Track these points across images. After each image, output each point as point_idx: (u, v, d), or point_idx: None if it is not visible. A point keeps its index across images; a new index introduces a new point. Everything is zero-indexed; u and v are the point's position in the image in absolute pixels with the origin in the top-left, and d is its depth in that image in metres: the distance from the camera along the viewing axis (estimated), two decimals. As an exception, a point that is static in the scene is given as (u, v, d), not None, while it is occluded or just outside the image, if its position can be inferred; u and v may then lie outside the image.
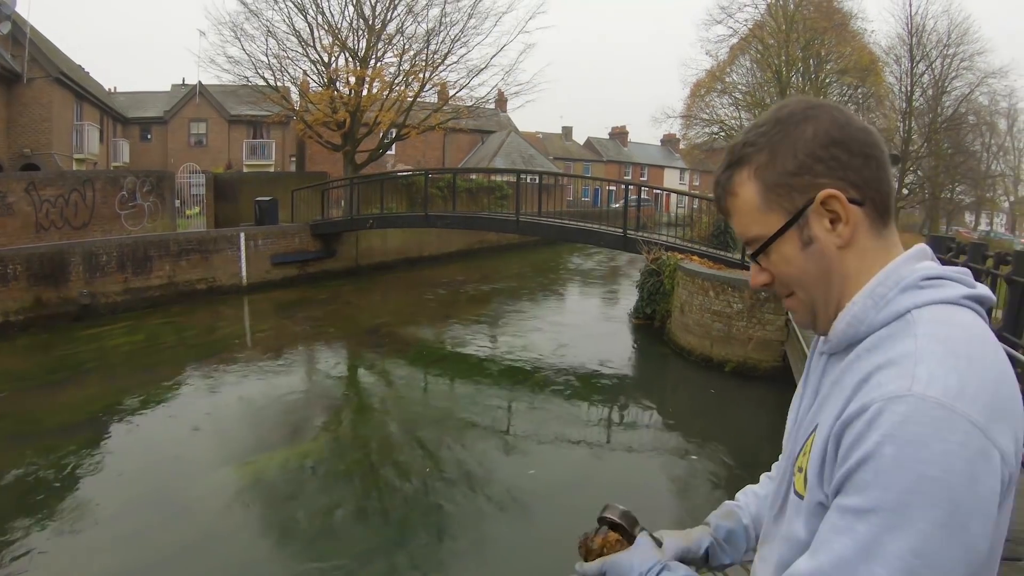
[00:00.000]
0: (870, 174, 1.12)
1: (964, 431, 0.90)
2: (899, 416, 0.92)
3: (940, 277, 1.09)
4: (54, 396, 12.33)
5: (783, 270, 1.18)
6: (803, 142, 1.13)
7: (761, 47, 33.28)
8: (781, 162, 1.14)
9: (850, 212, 1.11)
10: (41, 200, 18.69)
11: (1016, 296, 8.91)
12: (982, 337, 1.02)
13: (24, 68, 26.06)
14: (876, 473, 0.92)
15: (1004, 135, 52.21)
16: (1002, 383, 0.97)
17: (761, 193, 1.16)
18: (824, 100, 1.20)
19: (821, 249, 1.13)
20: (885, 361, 1.01)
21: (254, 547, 7.49)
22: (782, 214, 1.15)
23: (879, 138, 1.16)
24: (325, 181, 29.50)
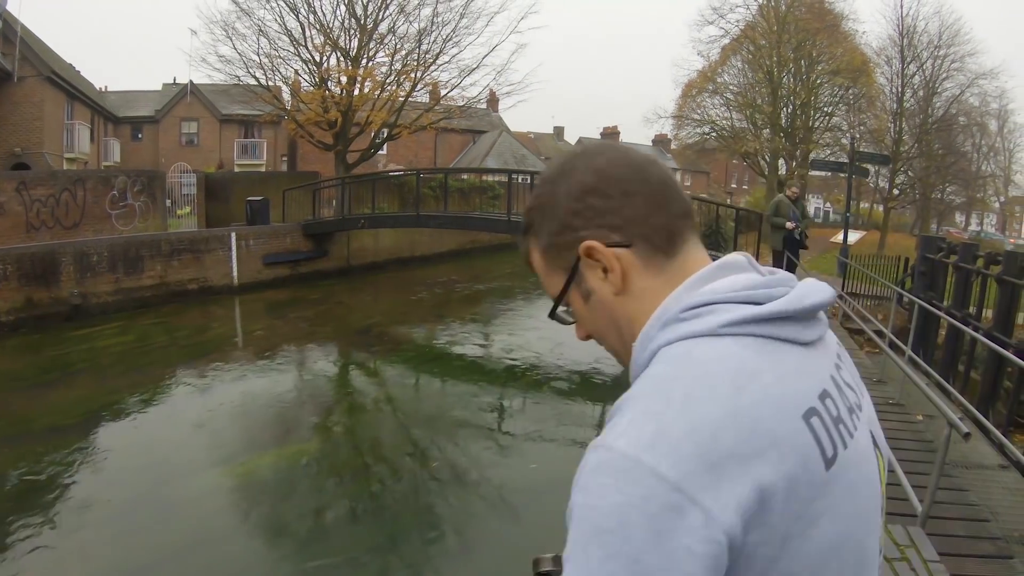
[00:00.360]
0: (633, 212, 1.06)
1: (647, 485, 0.82)
2: (590, 467, 0.88)
3: (707, 303, 0.99)
4: (45, 397, 12.29)
5: (584, 323, 1.17)
6: (560, 199, 1.10)
7: (753, 48, 33.36)
8: (548, 224, 1.12)
9: (615, 257, 1.06)
10: (32, 200, 18.62)
11: (1006, 295, 8.96)
12: (719, 373, 0.91)
13: (15, 67, 25.97)
14: (569, 523, 0.87)
15: (994, 136, 52.40)
16: (725, 429, 0.85)
17: (542, 257, 1.16)
18: (595, 145, 1.16)
19: (600, 300, 1.10)
20: (614, 408, 0.96)
21: (246, 548, 7.47)
22: (561, 273, 1.13)
23: (649, 171, 1.10)
24: (316, 181, 29.43)
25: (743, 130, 34.17)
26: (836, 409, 0.96)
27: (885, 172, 36.30)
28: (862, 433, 1.00)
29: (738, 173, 76.93)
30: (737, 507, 0.82)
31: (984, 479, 6.04)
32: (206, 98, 41.15)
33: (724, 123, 35.32)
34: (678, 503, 0.81)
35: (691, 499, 0.81)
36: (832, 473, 0.90)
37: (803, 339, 0.99)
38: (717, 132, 35.44)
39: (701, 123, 36.32)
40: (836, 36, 33.34)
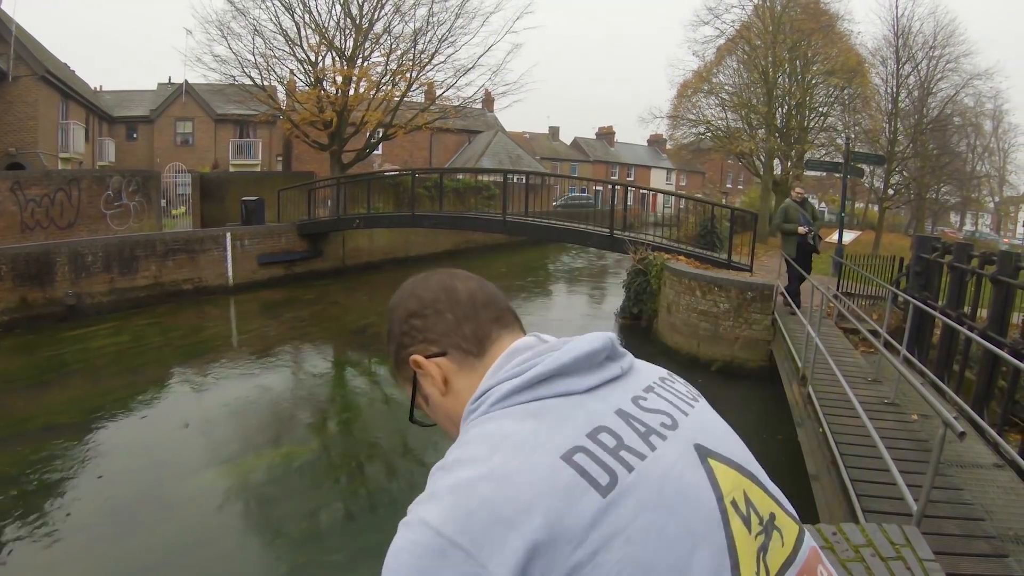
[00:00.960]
0: (446, 325, 1.26)
1: (418, 531, 0.98)
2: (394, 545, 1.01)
3: (484, 392, 1.17)
4: (39, 397, 12.27)
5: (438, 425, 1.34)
6: (395, 326, 1.32)
7: (748, 48, 33.32)
8: (391, 347, 1.33)
9: (434, 366, 1.25)
10: (26, 199, 18.59)
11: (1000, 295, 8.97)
12: (478, 444, 1.06)
13: (9, 66, 25.91)
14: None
15: (989, 136, 52.52)
16: (481, 482, 0.99)
17: (394, 373, 1.37)
18: (420, 277, 1.36)
19: (435, 403, 1.29)
20: None
21: (240, 549, 7.47)
22: (409, 384, 1.31)
23: (456, 290, 1.30)
24: (312, 181, 29.44)
25: (738, 130, 34.12)
26: (616, 439, 1.05)
27: (880, 172, 36.35)
28: (667, 452, 1.07)
29: (733, 173, 77.02)
30: (494, 545, 0.94)
31: (979, 478, 6.04)
32: (201, 98, 41.12)
33: (719, 123, 35.27)
34: (441, 547, 0.95)
35: (451, 541, 0.95)
36: (612, 498, 0.98)
37: (576, 390, 1.13)
38: (712, 132, 35.37)
39: (696, 123, 36.26)
40: (831, 36, 33.32)
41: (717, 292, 14.32)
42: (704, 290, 14.54)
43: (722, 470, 1.10)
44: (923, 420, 7.49)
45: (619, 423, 1.09)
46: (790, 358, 10.78)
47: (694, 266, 16.05)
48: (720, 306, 14.27)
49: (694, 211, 22.53)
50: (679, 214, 23.19)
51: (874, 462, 5.73)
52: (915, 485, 4.92)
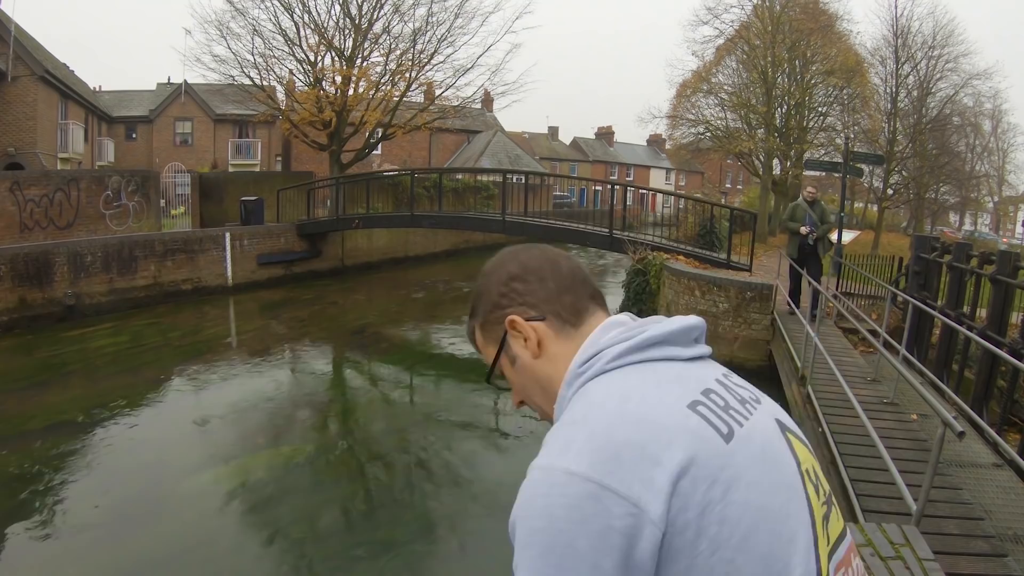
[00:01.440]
0: (547, 292, 1.33)
1: (563, 482, 1.01)
2: (521, 489, 1.06)
3: (594, 355, 1.22)
4: (39, 397, 12.26)
5: (514, 387, 1.40)
6: (492, 287, 1.38)
7: (747, 48, 33.32)
8: (484, 306, 1.39)
9: (531, 329, 1.31)
10: (25, 199, 18.58)
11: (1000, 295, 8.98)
12: (607, 393, 1.14)
13: (8, 66, 25.87)
14: (514, 540, 1.06)
15: (988, 136, 52.59)
16: (615, 426, 1.06)
17: (480, 332, 1.41)
18: (522, 246, 1.45)
19: (523, 364, 1.34)
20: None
21: (240, 549, 7.46)
22: (494, 344, 1.37)
23: (558, 262, 1.38)
24: (311, 181, 29.44)
25: (737, 130, 34.13)
26: (723, 400, 1.15)
27: (879, 172, 36.39)
28: (761, 418, 1.18)
29: (732, 173, 77.01)
30: (643, 483, 0.99)
31: (978, 478, 6.05)
32: (200, 98, 41.11)
33: (718, 123, 35.29)
34: (591, 491, 0.99)
35: (601, 485, 0.99)
36: (732, 446, 1.07)
37: (681, 356, 1.22)
38: (711, 132, 35.39)
39: (695, 123, 36.28)
40: (830, 36, 33.34)
41: (716, 292, 14.33)
42: (703, 290, 14.55)
43: (797, 444, 1.21)
44: (922, 420, 7.49)
45: (721, 389, 1.18)
46: (789, 358, 10.79)
47: (693, 266, 16.05)
48: (719, 306, 14.27)
49: (693, 211, 22.49)
50: (678, 214, 23.20)
51: (873, 462, 5.73)
52: (914, 485, 4.92)
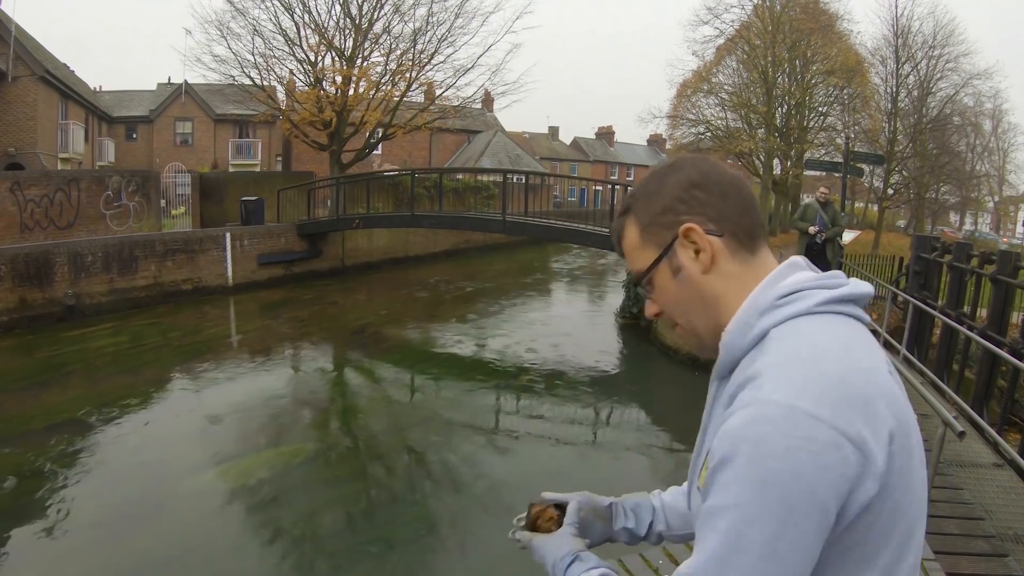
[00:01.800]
0: (728, 209, 1.26)
1: (807, 426, 0.98)
2: (748, 419, 1.02)
3: (795, 291, 1.18)
4: (39, 398, 12.26)
5: (664, 298, 1.33)
6: (669, 187, 1.30)
7: (748, 48, 33.34)
8: (653, 206, 1.30)
9: (708, 242, 1.25)
10: (26, 200, 18.58)
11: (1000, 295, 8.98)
12: (832, 339, 1.11)
13: (9, 66, 25.89)
14: (734, 471, 1.01)
15: (989, 136, 52.55)
16: (848, 375, 1.05)
17: (639, 233, 1.33)
18: (699, 156, 1.38)
19: (689, 275, 1.27)
20: (745, 379, 1.11)
21: (240, 549, 7.46)
22: (655, 248, 1.30)
23: (739, 181, 1.31)
24: (311, 181, 29.45)
25: (738, 130, 34.15)
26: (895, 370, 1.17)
27: (880, 172, 36.41)
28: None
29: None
30: (875, 438, 1.01)
31: (978, 477, 6.04)
32: (200, 98, 41.12)
33: (719, 123, 35.32)
34: (834, 439, 0.98)
35: (843, 433, 0.99)
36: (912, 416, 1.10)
37: (864, 319, 1.21)
38: (712, 132, 35.41)
39: (696, 123, 36.31)
40: (830, 36, 33.36)
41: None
42: (704, 290, 14.54)
43: None
44: (923, 419, 7.49)
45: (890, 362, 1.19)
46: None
47: (694, 266, 16.03)
48: (720, 306, 14.27)
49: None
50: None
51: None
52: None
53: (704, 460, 1.21)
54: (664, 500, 1.70)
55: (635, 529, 1.67)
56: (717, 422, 1.16)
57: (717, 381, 1.31)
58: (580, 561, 1.44)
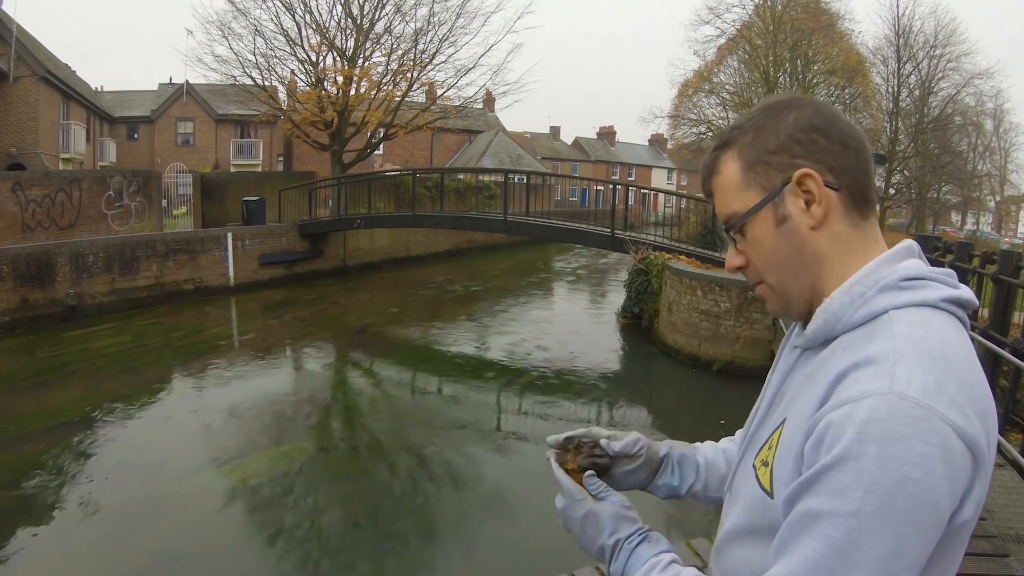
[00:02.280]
0: (848, 163, 1.13)
1: (944, 434, 0.91)
2: (882, 415, 0.92)
3: (921, 278, 1.08)
4: (40, 398, 12.26)
5: (756, 250, 1.19)
6: (785, 125, 1.15)
7: (749, 48, 33.37)
8: (763, 142, 1.16)
9: (824, 194, 1.12)
10: (27, 200, 18.58)
11: (1002, 295, 8.96)
12: (958, 342, 1.02)
13: (10, 67, 25.90)
14: (857, 473, 0.91)
15: (990, 135, 52.48)
16: (976, 387, 0.98)
17: (742, 170, 1.18)
18: (820, 100, 1.23)
19: (794, 228, 1.14)
20: (863, 359, 1.00)
21: (241, 549, 7.46)
22: (759, 191, 1.17)
23: (862, 135, 1.17)
24: (312, 181, 29.47)
25: (739, 130, 34.17)
26: None
27: (881, 172, 36.35)
28: None
29: (734, 173, 76.90)
30: (991, 452, 0.97)
31: (980, 478, 6.03)
32: (202, 98, 41.12)
33: (720, 123, 35.26)
34: (964, 451, 0.92)
35: (972, 446, 0.93)
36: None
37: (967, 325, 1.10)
38: (713, 132, 35.32)
39: (697, 123, 36.34)
40: (832, 36, 33.38)
41: (718, 292, 14.32)
42: (705, 290, 14.54)
43: None
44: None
45: None
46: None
47: (695, 266, 16.03)
48: (721, 306, 14.26)
49: (695, 211, 22.48)
50: (680, 214, 23.18)
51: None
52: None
53: (775, 434, 1.15)
54: (707, 457, 1.57)
55: (678, 486, 1.54)
56: (808, 398, 1.08)
57: (800, 350, 1.20)
58: (649, 542, 1.27)
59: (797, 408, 1.11)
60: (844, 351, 1.06)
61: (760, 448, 1.20)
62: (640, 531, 1.28)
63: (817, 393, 1.05)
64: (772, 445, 1.14)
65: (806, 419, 1.05)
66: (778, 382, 1.24)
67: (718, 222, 20.82)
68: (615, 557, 1.27)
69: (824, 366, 1.08)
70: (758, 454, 1.20)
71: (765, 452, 1.17)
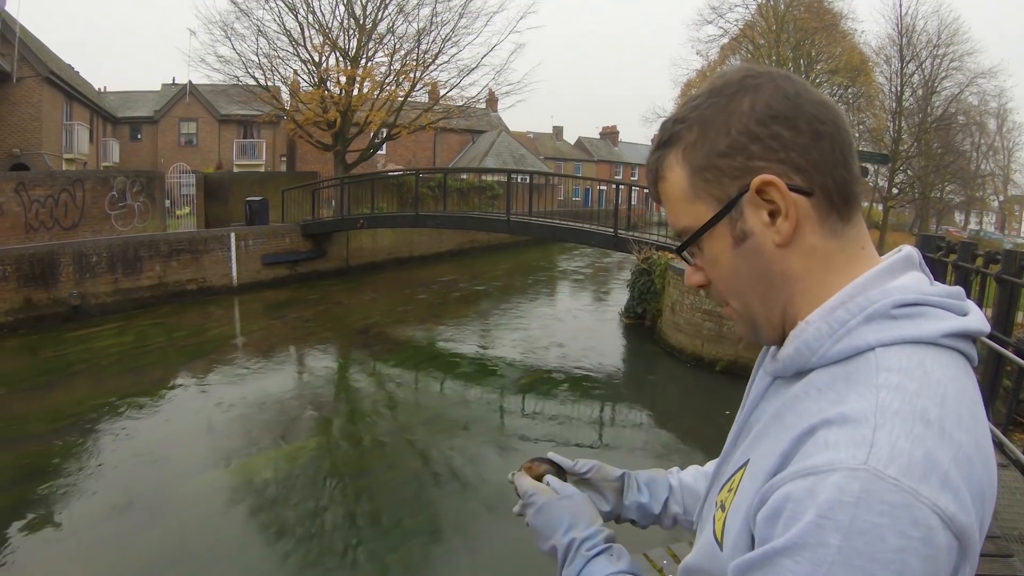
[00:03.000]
0: (821, 156, 0.90)
1: (929, 525, 0.72)
2: (851, 497, 0.73)
3: (919, 304, 0.87)
4: (44, 398, 12.27)
5: (715, 272, 0.98)
6: (737, 116, 0.92)
7: (752, 47, 33.37)
8: (711, 141, 0.94)
9: (792, 203, 0.89)
10: (31, 200, 18.60)
11: (1005, 295, 8.95)
12: (959, 394, 0.82)
13: (13, 67, 25.93)
14: (813, 566, 0.74)
15: (993, 135, 52.47)
16: (977, 457, 0.79)
17: (688, 177, 0.96)
18: (771, 68, 0.98)
19: (757, 246, 0.93)
20: (837, 416, 0.80)
21: (244, 548, 7.46)
22: (711, 203, 0.95)
23: (837, 113, 0.93)
24: (315, 181, 29.48)
25: (743, 129, 34.17)
26: None
27: (884, 171, 36.34)
28: None
29: (737, 173, 76.80)
30: (983, 532, 0.80)
31: (983, 478, 6.02)
32: (205, 98, 41.12)
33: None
34: (949, 544, 0.74)
35: (961, 534, 0.75)
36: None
37: (974, 363, 0.91)
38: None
39: (700, 122, 36.32)
40: (835, 35, 33.37)
41: (721, 292, 14.30)
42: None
43: None
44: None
45: None
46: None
47: (698, 266, 16.00)
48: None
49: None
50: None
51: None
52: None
53: (737, 475, 0.97)
54: (683, 480, 1.44)
55: (648, 505, 1.39)
56: (771, 444, 0.89)
57: (770, 377, 1.00)
58: (610, 556, 1.13)
59: (760, 453, 0.93)
60: (818, 394, 0.87)
61: (723, 484, 1.03)
62: (600, 534, 1.17)
63: (779, 446, 0.86)
64: (732, 487, 0.97)
65: (762, 476, 0.87)
66: (748, 409, 1.05)
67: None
68: (569, 560, 1.16)
69: (794, 408, 0.90)
70: (720, 490, 1.04)
71: (725, 493, 1.00)
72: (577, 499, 1.25)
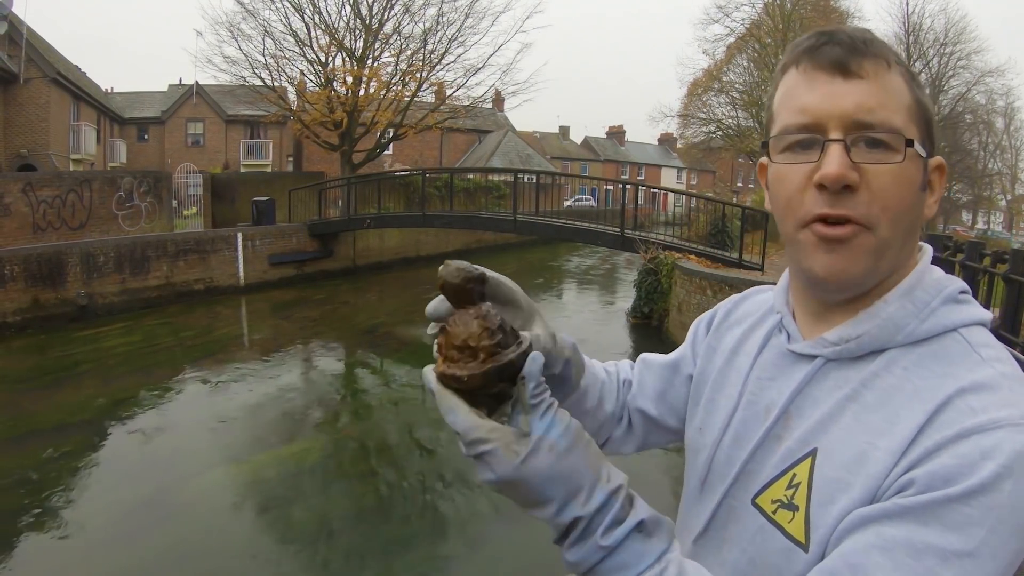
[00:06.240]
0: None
1: None
2: (1021, 446, 0.77)
3: (966, 292, 0.95)
4: (50, 397, 12.30)
5: (882, 190, 0.90)
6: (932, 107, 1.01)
7: (758, 46, 33.29)
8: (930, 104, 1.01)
9: (943, 187, 1.00)
10: (38, 200, 18.66)
11: (1013, 294, 8.93)
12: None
13: (21, 68, 26.01)
14: (986, 510, 0.75)
15: (1001, 134, 52.31)
16: None
17: (912, 103, 0.97)
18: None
19: (924, 201, 0.96)
20: (971, 384, 0.83)
21: (250, 548, 7.47)
22: (920, 136, 0.94)
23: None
24: (322, 181, 29.48)
25: (749, 128, 34.09)
26: None
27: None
28: None
29: (744, 172, 76.71)
30: None
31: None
32: (211, 99, 41.26)
33: (730, 122, 35.27)
34: None
35: None
36: None
37: None
38: (723, 131, 35.37)
39: (707, 122, 36.28)
40: (842, 35, 33.30)
41: (728, 291, 14.27)
42: (715, 289, 14.50)
43: None
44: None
45: None
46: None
47: (705, 265, 16.01)
48: (731, 305, 14.24)
49: (705, 210, 22.41)
50: (690, 213, 23.11)
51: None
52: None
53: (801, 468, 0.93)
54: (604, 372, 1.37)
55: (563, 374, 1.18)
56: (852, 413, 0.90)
57: (822, 360, 0.97)
58: (645, 536, 0.83)
59: (840, 437, 0.90)
60: (906, 372, 0.89)
61: (769, 483, 0.98)
62: (616, 497, 0.83)
63: (896, 423, 0.85)
64: (799, 482, 0.92)
65: (884, 456, 0.84)
66: (790, 397, 0.99)
67: (728, 221, 20.66)
68: (577, 545, 0.83)
69: (874, 387, 0.90)
70: (764, 491, 0.98)
71: (780, 490, 0.95)
72: (560, 444, 0.85)
